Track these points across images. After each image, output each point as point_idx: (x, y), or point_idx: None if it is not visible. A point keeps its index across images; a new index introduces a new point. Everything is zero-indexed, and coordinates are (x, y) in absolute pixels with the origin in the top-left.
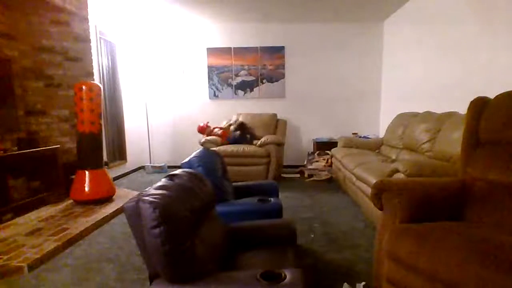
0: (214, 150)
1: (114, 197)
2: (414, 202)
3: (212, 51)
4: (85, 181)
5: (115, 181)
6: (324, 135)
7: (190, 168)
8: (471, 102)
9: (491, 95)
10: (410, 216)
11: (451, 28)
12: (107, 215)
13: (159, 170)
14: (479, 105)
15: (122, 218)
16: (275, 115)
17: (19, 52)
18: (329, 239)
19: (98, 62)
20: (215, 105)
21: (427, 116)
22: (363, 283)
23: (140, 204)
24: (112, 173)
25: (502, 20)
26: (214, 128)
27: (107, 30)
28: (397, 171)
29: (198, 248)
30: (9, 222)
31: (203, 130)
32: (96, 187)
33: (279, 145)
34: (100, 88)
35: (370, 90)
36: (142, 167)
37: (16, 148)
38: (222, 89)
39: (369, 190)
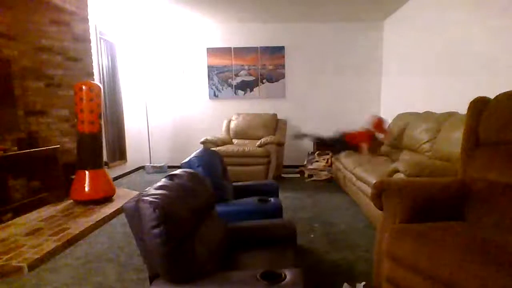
0: (214, 150)
1: (114, 197)
2: (414, 202)
3: (212, 51)
4: (85, 181)
5: (115, 181)
6: (324, 135)
7: (190, 168)
8: (471, 102)
9: (491, 95)
10: (410, 216)
11: (451, 28)
12: (107, 215)
13: (159, 170)
14: (479, 105)
15: (122, 218)
16: (275, 115)
17: (19, 52)
18: (329, 239)
19: (98, 62)
20: (215, 105)
21: (427, 116)
22: (363, 283)
23: (140, 204)
24: (112, 173)
25: (502, 20)
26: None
27: (107, 30)
28: (397, 171)
29: (198, 248)
30: (9, 222)
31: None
32: (96, 187)
33: (279, 145)
34: (100, 88)
35: (370, 90)
36: (142, 167)
37: (16, 148)
38: (222, 89)
39: (369, 190)
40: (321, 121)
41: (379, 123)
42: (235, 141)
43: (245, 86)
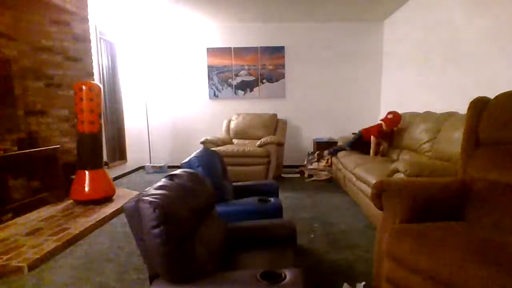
0: (214, 150)
1: (114, 197)
2: (414, 202)
3: (212, 51)
4: (85, 181)
5: (115, 181)
6: (324, 135)
7: (190, 168)
8: (471, 102)
9: (491, 95)
10: (410, 216)
11: (451, 28)
12: (107, 215)
13: (159, 170)
14: (479, 105)
15: (122, 218)
16: (275, 115)
17: (19, 52)
18: (329, 239)
19: (98, 62)
20: (215, 105)
21: (427, 116)
22: (363, 283)
23: (140, 204)
24: (112, 173)
25: (502, 20)
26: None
27: (107, 30)
28: (397, 171)
29: (198, 248)
30: (9, 222)
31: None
32: (96, 187)
33: (279, 145)
34: (100, 88)
35: (370, 90)
36: (142, 167)
37: (16, 148)
38: (222, 89)
39: (369, 190)
40: (321, 121)
41: (394, 117)
42: (235, 141)
43: (245, 86)
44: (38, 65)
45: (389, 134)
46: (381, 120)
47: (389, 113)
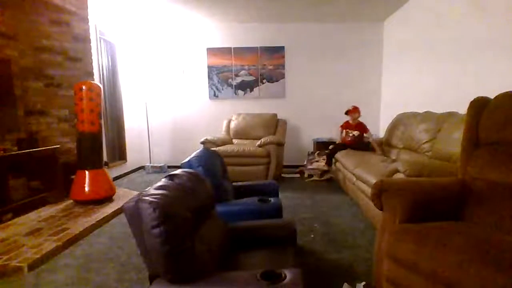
0: (214, 150)
1: (114, 197)
2: (414, 202)
3: (212, 51)
4: (85, 181)
5: (115, 181)
6: (324, 135)
7: (190, 168)
8: (471, 102)
9: (491, 95)
10: (410, 216)
11: (451, 28)
12: (107, 215)
13: (159, 170)
14: (479, 105)
15: (122, 218)
16: (275, 115)
17: (19, 52)
18: (329, 239)
19: (98, 62)
20: (215, 105)
21: (427, 116)
22: (363, 283)
23: (140, 204)
24: (112, 173)
25: (502, 20)
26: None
27: (107, 30)
28: (397, 171)
29: (198, 248)
30: (9, 222)
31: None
32: (96, 187)
33: (279, 145)
34: (100, 88)
35: (370, 90)
36: (142, 167)
37: (16, 148)
38: (222, 89)
39: (369, 190)
40: (321, 121)
41: (354, 108)
42: (235, 141)
43: (245, 86)
44: (38, 65)
45: (360, 127)
46: (346, 111)
47: (351, 106)
